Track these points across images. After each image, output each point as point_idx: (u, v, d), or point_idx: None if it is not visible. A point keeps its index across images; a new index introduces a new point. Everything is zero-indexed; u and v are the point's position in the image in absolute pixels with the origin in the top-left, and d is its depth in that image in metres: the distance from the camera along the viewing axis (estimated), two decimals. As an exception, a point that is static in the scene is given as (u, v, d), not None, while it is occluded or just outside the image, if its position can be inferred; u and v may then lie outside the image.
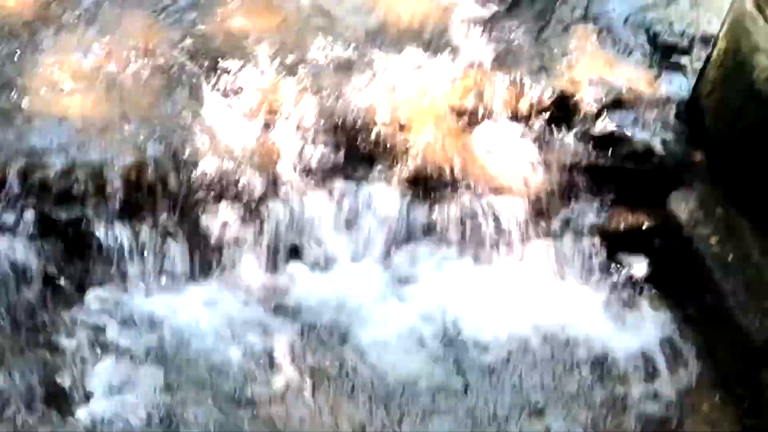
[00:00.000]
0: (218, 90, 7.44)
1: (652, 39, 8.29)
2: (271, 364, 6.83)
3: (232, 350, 6.87)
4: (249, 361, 6.87)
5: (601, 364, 7.06)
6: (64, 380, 6.45)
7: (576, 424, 6.89)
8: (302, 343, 7.02)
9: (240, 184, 7.11)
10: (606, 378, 7.04)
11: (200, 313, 6.94)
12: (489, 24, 8.21)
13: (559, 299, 7.34)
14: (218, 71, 7.55)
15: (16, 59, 7.48)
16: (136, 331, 6.80)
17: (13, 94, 7.23)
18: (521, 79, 7.75)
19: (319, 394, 6.78)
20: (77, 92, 7.22)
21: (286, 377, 6.85)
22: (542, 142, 7.58)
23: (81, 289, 6.83)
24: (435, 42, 8.06)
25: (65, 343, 6.63)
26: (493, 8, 8.37)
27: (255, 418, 6.68)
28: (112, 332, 6.72)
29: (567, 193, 7.55)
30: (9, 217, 6.77)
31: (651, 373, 7.04)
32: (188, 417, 6.55)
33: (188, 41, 7.72)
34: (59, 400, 6.37)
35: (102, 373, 6.52)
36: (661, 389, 6.96)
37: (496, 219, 7.37)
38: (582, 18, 8.46)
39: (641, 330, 7.24)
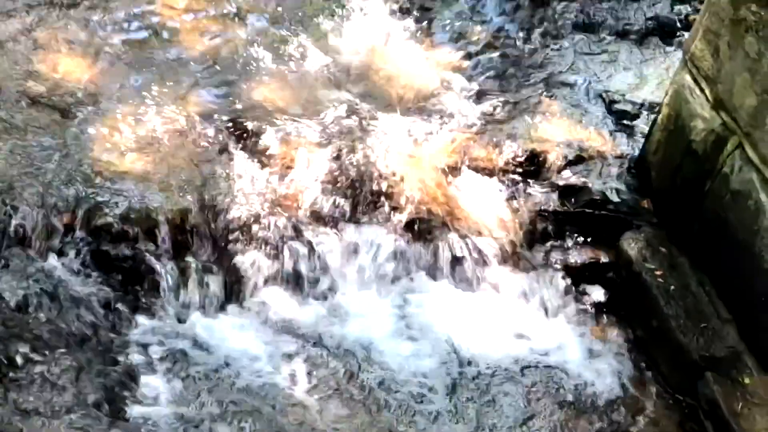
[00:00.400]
0: (247, 150, 7.88)
1: (608, 106, 8.80)
2: (293, 376, 7.18)
3: (261, 365, 7.20)
4: (274, 374, 7.20)
5: (562, 374, 7.54)
6: (119, 389, 6.72)
7: (547, 422, 7.28)
8: (318, 355, 7.38)
9: (266, 227, 7.53)
10: (570, 387, 7.47)
11: (233, 335, 7.29)
12: (474, 95, 8.66)
13: (531, 322, 7.78)
14: (246, 135, 7.97)
15: (80, 123, 7.75)
16: (179, 350, 7.11)
17: (78, 154, 7.64)
18: (499, 141, 8.30)
19: (334, 393, 7.15)
20: (131, 153, 7.63)
21: (303, 383, 7.24)
22: (516, 192, 8.09)
23: (134, 313, 7.17)
24: (428, 108, 8.50)
25: (120, 358, 6.92)
26: (478, 83, 8.80)
27: (276, 423, 7.00)
28: (159, 351, 7.06)
29: (537, 234, 8.06)
30: (76, 254, 7.17)
31: (608, 383, 7.52)
32: (219, 422, 6.90)
33: (221, 110, 8.08)
34: (115, 405, 6.63)
35: (150, 384, 6.85)
36: (616, 396, 7.48)
37: (479, 255, 7.82)
38: (550, 90, 8.96)
39: (600, 348, 7.75)
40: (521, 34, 9.29)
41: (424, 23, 9.02)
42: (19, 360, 6.76)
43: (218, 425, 6.88)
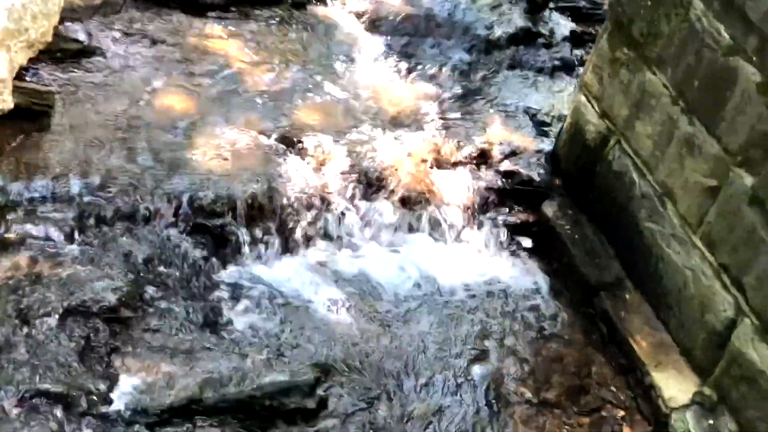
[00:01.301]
0: (293, 154, 7.91)
1: (531, 118, 8.87)
2: (329, 300, 7.38)
3: (308, 294, 7.36)
4: (316, 299, 7.37)
5: (505, 293, 7.73)
6: (213, 316, 6.97)
7: (495, 325, 7.45)
8: (344, 286, 7.54)
9: (308, 203, 7.68)
10: (510, 301, 7.68)
11: (289, 276, 7.45)
12: (442, 113, 8.68)
13: (484, 261, 7.99)
14: (292, 144, 7.99)
15: (184, 139, 7.83)
16: (253, 287, 7.27)
17: (182, 159, 7.72)
18: (460, 143, 8.43)
19: (354, 310, 7.36)
20: (217, 158, 7.70)
21: (335, 305, 7.42)
22: (473, 176, 8.24)
23: (223, 265, 7.33)
24: (412, 123, 8.53)
25: (212, 295, 7.12)
26: (445, 105, 8.75)
27: (319, 332, 7.10)
28: (239, 288, 7.26)
29: (487, 204, 8.19)
30: (183, 226, 7.29)
31: (535, 299, 7.78)
32: (279, 332, 7.02)
33: (275, 128, 8.04)
34: (209, 327, 6.85)
35: (237, 311, 7.07)
36: (541, 307, 7.70)
37: (448, 219, 8.02)
38: (493, 108, 8.91)
39: (529, 277, 7.95)
40: (474, 72, 9.20)
41: (409, 65, 9.02)
42: (147, 297, 6.99)
43: (279, 333, 7.07)
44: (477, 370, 7.23)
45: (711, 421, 6.70)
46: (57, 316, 6.54)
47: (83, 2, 8.10)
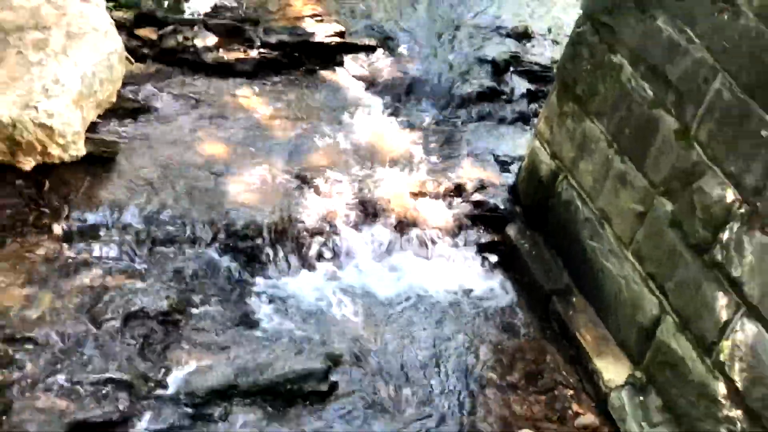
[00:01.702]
0: (308, 188, 7.93)
1: (496, 159, 8.82)
2: (338, 303, 7.41)
3: (321, 297, 7.42)
4: (328, 303, 7.37)
5: (477, 298, 7.76)
6: (245, 317, 7.07)
7: (467, 323, 7.49)
8: (349, 292, 7.54)
9: (321, 229, 7.72)
10: (479, 305, 7.69)
11: (304, 285, 7.44)
12: (426, 156, 8.62)
13: (459, 273, 7.89)
14: (307, 180, 7.98)
15: (220, 177, 7.86)
16: (278, 294, 7.34)
17: (219, 194, 7.75)
18: (440, 179, 8.38)
19: (359, 308, 7.43)
20: (247, 192, 7.70)
21: (344, 307, 7.46)
22: (450, 206, 8.21)
23: (252, 277, 7.36)
24: (402, 164, 8.48)
25: (245, 301, 7.18)
26: (428, 150, 8.69)
27: (330, 331, 7.18)
28: (268, 295, 7.29)
29: (462, 227, 8.12)
30: (219, 246, 7.37)
31: (500, 304, 7.76)
32: (299, 330, 7.10)
33: (293, 169, 8.03)
34: (243, 326, 6.98)
35: (265, 313, 7.14)
36: (505, 311, 7.67)
37: (431, 240, 7.98)
38: (467, 150, 8.85)
39: (495, 284, 7.91)
40: (450, 123, 9.17)
41: (399, 118, 8.91)
42: (193, 303, 7.12)
43: (298, 331, 7.18)
44: (455, 359, 7.31)
45: (641, 398, 6.88)
46: (121, 319, 6.73)
47: (140, 70, 8.15)
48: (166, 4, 8.86)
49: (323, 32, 8.89)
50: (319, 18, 9.00)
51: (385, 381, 6.92)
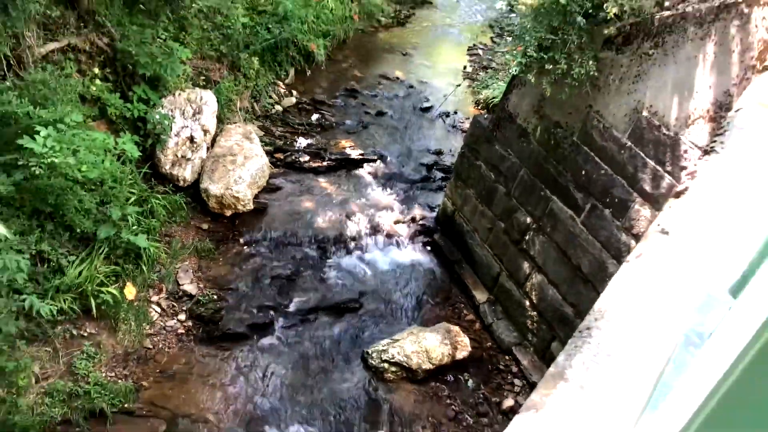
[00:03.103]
0: (349, 220, 7.52)
1: (429, 205, 8.10)
2: (363, 271, 7.21)
3: (354, 268, 7.22)
4: (358, 270, 7.21)
5: (421, 265, 7.50)
6: (321, 276, 6.98)
7: (413, 284, 7.25)
8: (363, 271, 7.28)
9: (353, 237, 7.47)
10: (421, 268, 7.42)
11: (347, 261, 7.23)
12: (401, 203, 7.99)
13: (413, 255, 7.57)
14: (349, 216, 7.59)
15: (308, 216, 7.46)
16: (336, 265, 7.13)
17: (310, 222, 7.36)
18: (405, 215, 7.90)
19: (369, 279, 7.20)
20: (323, 221, 7.39)
21: (362, 275, 7.29)
22: (409, 226, 7.77)
23: (325, 258, 7.18)
24: (390, 208, 7.94)
25: (322, 269, 7.02)
26: (400, 201, 8.05)
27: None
28: (331, 265, 7.12)
29: (414, 234, 7.71)
30: (311, 245, 7.20)
31: (430, 267, 7.46)
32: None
33: (341, 211, 7.62)
34: (321, 282, 6.91)
35: (330, 275, 7.03)
36: (432, 270, 7.42)
37: (402, 241, 7.66)
38: (418, 202, 8.15)
39: (429, 259, 7.58)
40: (409, 191, 8.35)
41: (387, 189, 8.28)
42: (300, 271, 7.02)
43: (344, 281, 7.05)
44: (412, 292, 7.26)
45: (493, 307, 7.13)
46: (269, 278, 6.91)
47: (275, 172, 7.93)
48: (285, 143, 8.47)
49: (354, 153, 8.63)
50: (352, 147, 8.72)
51: (382, 303, 6.94)
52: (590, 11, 4.75)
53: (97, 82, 5.91)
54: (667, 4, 4.71)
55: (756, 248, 1.45)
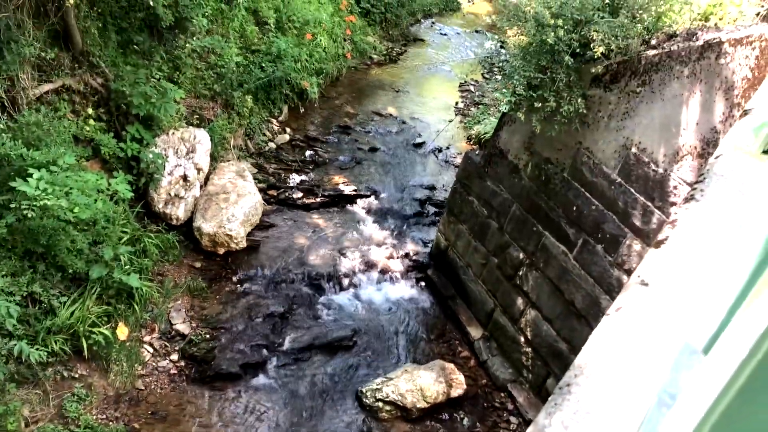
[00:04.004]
0: (342, 256, 7.53)
1: (423, 241, 8.13)
2: (356, 306, 7.18)
3: (348, 305, 7.18)
4: (352, 306, 7.18)
5: (415, 301, 7.43)
6: (314, 314, 6.89)
7: (409, 313, 7.27)
8: (359, 304, 7.30)
9: (346, 273, 7.43)
10: (417, 304, 7.42)
11: (341, 298, 7.20)
12: (394, 239, 7.98)
13: (407, 291, 7.56)
14: (343, 252, 7.59)
15: (303, 253, 7.47)
16: (329, 303, 7.10)
17: (304, 259, 7.38)
18: (398, 251, 7.87)
19: (366, 313, 7.24)
20: (315, 258, 7.44)
21: (360, 306, 7.28)
22: (402, 261, 7.75)
23: (318, 295, 7.03)
24: (383, 244, 7.93)
25: (315, 306, 6.99)
26: (393, 237, 8.04)
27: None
28: (324, 303, 7.03)
29: (408, 270, 7.70)
30: (304, 281, 7.14)
31: (425, 302, 7.45)
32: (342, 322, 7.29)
33: (335, 247, 7.67)
34: (314, 319, 6.84)
35: (324, 312, 6.98)
36: (426, 305, 7.38)
37: (395, 276, 7.63)
38: (411, 237, 8.14)
39: (423, 295, 7.55)
40: (402, 227, 8.34)
41: (380, 225, 8.30)
42: (293, 309, 6.99)
43: (337, 317, 6.97)
44: (405, 328, 7.21)
45: (488, 343, 7.09)
46: (263, 316, 6.83)
47: (268, 209, 7.94)
48: (278, 180, 8.43)
49: (348, 190, 8.64)
50: (345, 183, 8.72)
51: (376, 340, 6.88)
52: (578, 50, 4.79)
53: (91, 122, 5.96)
54: (653, 42, 4.74)
55: (727, 304, 1.43)
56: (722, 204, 1.91)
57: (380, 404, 5.88)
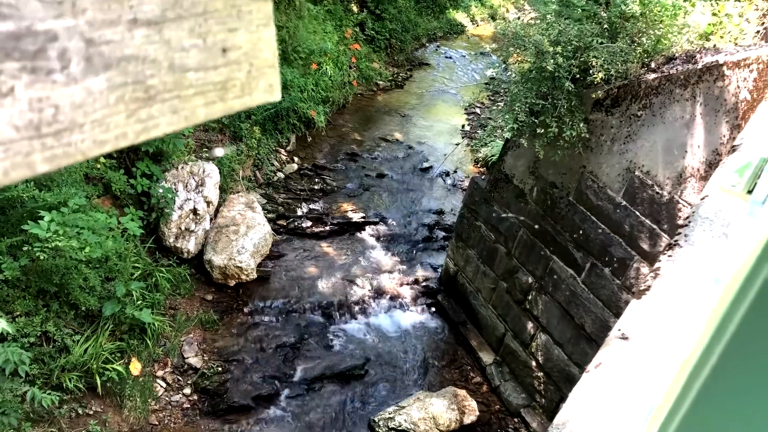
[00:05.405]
0: (353, 284, 7.58)
1: (432, 266, 8.12)
2: (367, 334, 7.23)
3: (360, 333, 7.23)
4: (363, 334, 7.26)
5: (425, 327, 7.50)
6: (327, 343, 6.96)
7: (418, 342, 7.33)
8: (370, 328, 7.33)
9: (357, 302, 7.48)
10: (428, 330, 7.44)
11: (353, 326, 7.22)
12: (403, 265, 8.03)
13: (417, 317, 7.59)
14: (353, 281, 7.65)
15: (313, 281, 7.56)
16: (341, 331, 7.11)
17: (315, 287, 7.42)
18: (408, 277, 7.95)
19: (375, 335, 7.31)
20: (325, 287, 7.48)
21: (368, 334, 7.42)
22: (412, 288, 7.81)
23: (330, 324, 7.07)
24: (392, 270, 7.98)
25: (326, 335, 7.00)
26: (400, 261, 8.08)
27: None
28: (335, 331, 7.06)
29: (417, 296, 7.74)
30: (315, 311, 7.18)
31: (436, 328, 7.48)
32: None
33: (346, 275, 7.70)
34: (326, 348, 6.87)
35: (336, 341, 7.03)
36: (438, 331, 7.43)
37: (406, 303, 7.67)
38: (421, 263, 8.19)
39: (434, 321, 7.59)
40: (411, 252, 8.38)
41: (389, 250, 8.30)
42: (305, 339, 7.04)
43: (349, 347, 7.02)
44: (417, 355, 7.22)
45: (500, 368, 7.13)
46: (274, 347, 6.91)
47: (278, 239, 7.97)
48: (287, 209, 8.49)
49: (356, 217, 8.69)
50: (354, 210, 8.76)
51: (388, 368, 6.87)
52: (578, 76, 4.84)
53: (102, 159, 6.07)
54: (652, 65, 4.80)
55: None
56: (706, 251, 1.91)
57: (393, 434, 5.80)
